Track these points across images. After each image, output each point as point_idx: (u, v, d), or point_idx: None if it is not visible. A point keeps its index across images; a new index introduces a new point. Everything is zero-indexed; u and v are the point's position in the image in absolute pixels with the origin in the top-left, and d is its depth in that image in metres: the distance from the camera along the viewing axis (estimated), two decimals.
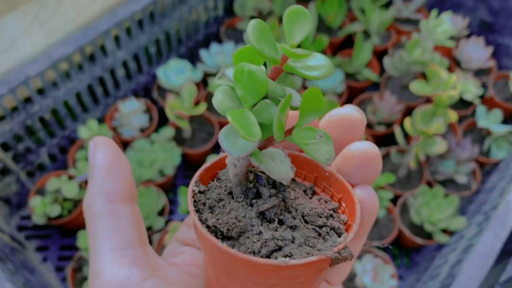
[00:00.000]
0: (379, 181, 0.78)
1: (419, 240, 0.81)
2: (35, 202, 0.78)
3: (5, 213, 0.85)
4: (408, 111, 0.98)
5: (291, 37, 0.22)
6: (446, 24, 0.96)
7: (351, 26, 1.05)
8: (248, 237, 0.23)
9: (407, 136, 0.96)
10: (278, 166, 0.24)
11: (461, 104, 0.99)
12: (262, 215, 0.24)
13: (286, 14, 0.22)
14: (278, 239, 0.23)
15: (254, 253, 0.22)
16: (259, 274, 0.21)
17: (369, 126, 0.95)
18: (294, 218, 0.24)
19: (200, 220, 0.24)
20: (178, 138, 0.91)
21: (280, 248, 0.22)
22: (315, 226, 0.24)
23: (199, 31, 1.02)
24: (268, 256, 0.22)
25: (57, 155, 0.90)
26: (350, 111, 0.25)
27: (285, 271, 0.21)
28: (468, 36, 1.08)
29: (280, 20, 1.07)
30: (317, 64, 0.22)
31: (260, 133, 0.21)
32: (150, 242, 0.81)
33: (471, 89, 0.95)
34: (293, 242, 0.23)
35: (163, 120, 0.95)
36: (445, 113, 0.83)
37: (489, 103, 0.98)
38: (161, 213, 0.83)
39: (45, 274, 0.83)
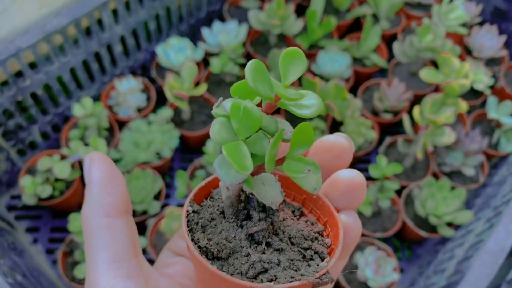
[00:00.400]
0: (387, 171, 0.75)
1: (423, 233, 0.78)
2: (25, 181, 0.74)
3: None
4: (416, 100, 0.94)
5: (285, 78, 0.24)
6: (459, 10, 0.92)
7: (359, 9, 1.01)
8: (237, 258, 0.25)
9: (414, 125, 0.92)
10: (268, 190, 0.25)
11: (471, 94, 0.96)
12: (251, 237, 0.26)
13: (282, 55, 0.24)
14: (264, 262, 0.24)
15: (241, 274, 0.24)
16: None
17: (375, 113, 0.92)
18: (281, 241, 0.26)
19: (193, 240, 0.25)
20: (177, 120, 0.87)
21: (266, 271, 0.24)
22: (301, 248, 0.26)
23: (201, 8, 0.97)
24: (254, 278, 0.24)
25: (50, 133, 0.86)
26: (339, 139, 0.27)
27: None
28: (481, 23, 1.04)
29: (285, 0, 1.02)
30: (308, 103, 0.24)
31: (251, 167, 0.23)
32: (145, 228, 0.78)
33: (482, 79, 0.92)
34: (278, 265, 0.25)
35: (161, 100, 0.91)
36: (455, 103, 0.79)
37: (500, 94, 0.95)
38: (157, 197, 0.80)
39: (35, 256, 0.80)
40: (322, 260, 0.26)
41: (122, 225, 0.26)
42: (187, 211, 0.27)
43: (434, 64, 0.97)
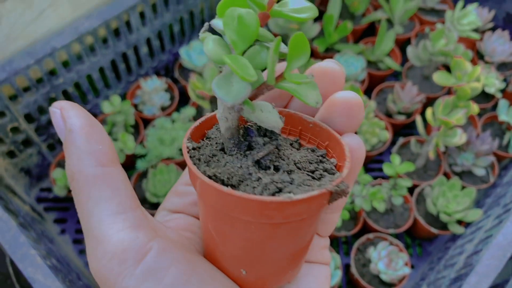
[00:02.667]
0: (400, 169, 0.78)
1: (434, 230, 0.81)
2: (57, 174, 0.79)
3: (26, 184, 0.86)
4: (428, 102, 0.97)
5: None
6: (472, 16, 0.95)
7: (374, 14, 1.04)
8: (247, 184, 0.23)
9: (426, 126, 0.95)
10: (268, 116, 0.24)
11: (482, 97, 0.99)
12: (257, 164, 0.25)
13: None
14: (277, 182, 0.23)
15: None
16: (264, 214, 0.22)
17: (389, 115, 0.95)
18: (288, 165, 0.25)
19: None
20: (199, 118, 0.91)
21: (280, 190, 0.23)
22: (308, 171, 0.25)
23: None
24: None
25: None
26: (331, 64, 0.26)
27: (289, 207, 0.21)
28: (493, 29, 1.07)
29: None
30: (301, 6, 0.22)
31: (256, 75, 0.21)
32: None
33: (493, 83, 0.94)
34: (291, 183, 0.23)
35: (183, 100, 0.95)
36: (467, 105, 0.82)
37: (511, 98, 0.97)
38: None
39: (63, 246, 0.84)
40: (333, 175, 0.25)
41: (119, 175, 0.23)
42: (187, 147, 0.25)
43: (447, 68, 1.00)
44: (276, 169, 0.25)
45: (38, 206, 0.88)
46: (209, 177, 0.23)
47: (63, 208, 0.89)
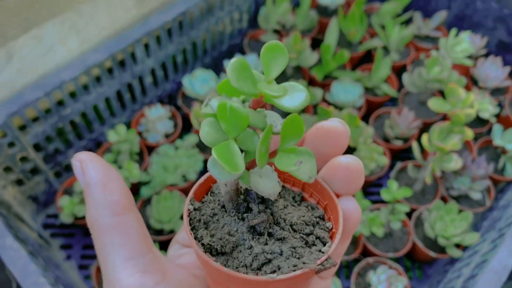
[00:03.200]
0: (397, 194, 0.81)
1: (432, 253, 0.83)
2: (63, 201, 0.81)
3: (33, 210, 0.89)
4: (425, 127, 1.00)
5: (268, 73, 0.23)
6: (465, 43, 0.99)
7: (371, 42, 1.08)
8: (240, 251, 0.25)
9: (423, 151, 0.98)
10: (266, 183, 0.25)
11: (477, 122, 1.01)
12: (252, 229, 0.26)
13: (262, 51, 0.23)
14: (267, 253, 0.25)
15: (246, 266, 0.25)
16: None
17: (386, 140, 0.98)
18: (283, 229, 0.27)
19: (196, 238, 0.26)
20: (201, 145, 0.94)
21: (269, 261, 0.25)
22: (303, 234, 0.27)
23: (223, 42, 1.05)
24: (259, 269, 0.25)
25: None
26: (335, 124, 0.27)
27: (273, 284, 0.24)
28: (486, 55, 1.10)
29: (303, 33, 1.10)
30: (294, 96, 0.24)
31: (243, 166, 0.23)
32: None
33: (487, 108, 0.97)
34: (281, 254, 0.25)
35: (186, 127, 0.98)
36: (462, 131, 0.85)
37: (505, 122, 1.00)
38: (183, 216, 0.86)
39: (69, 272, 0.86)
40: (324, 245, 0.26)
41: (132, 221, 0.25)
42: (188, 209, 0.27)
43: (442, 94, 1.03)
44: (270, 234, 0.26)
45: (45, 232, 0.90)
46: (204, 245, 0.25)
47: (69, 234, 0.91)
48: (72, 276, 0.86)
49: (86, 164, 0.25)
